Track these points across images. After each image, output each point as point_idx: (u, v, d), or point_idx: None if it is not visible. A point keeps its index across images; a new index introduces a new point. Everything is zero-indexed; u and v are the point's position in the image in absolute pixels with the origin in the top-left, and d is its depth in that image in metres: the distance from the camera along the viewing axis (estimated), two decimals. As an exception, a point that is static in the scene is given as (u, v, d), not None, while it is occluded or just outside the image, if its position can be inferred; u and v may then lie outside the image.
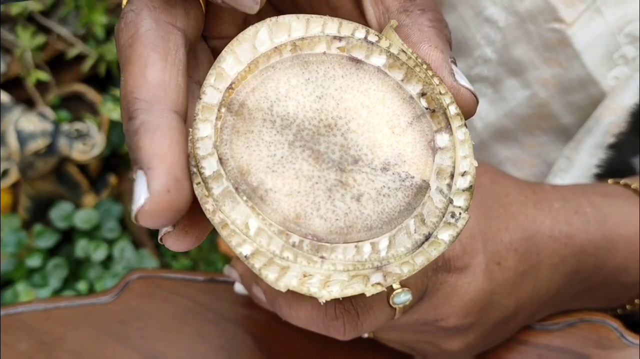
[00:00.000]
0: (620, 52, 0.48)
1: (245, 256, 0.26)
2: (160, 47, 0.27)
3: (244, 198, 0.26)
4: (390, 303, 0.37)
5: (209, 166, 0.27)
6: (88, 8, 0.88)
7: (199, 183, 0.26)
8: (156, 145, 0.25)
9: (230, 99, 0.27)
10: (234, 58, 0.28)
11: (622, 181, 0.47)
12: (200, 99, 0.27)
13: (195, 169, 0.27)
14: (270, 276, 0.26)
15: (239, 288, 0.47)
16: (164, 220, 0.25)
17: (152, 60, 0.26)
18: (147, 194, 0.25)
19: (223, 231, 0.26)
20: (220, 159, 0.27)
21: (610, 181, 0.47)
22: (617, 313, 0.49)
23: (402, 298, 0.37)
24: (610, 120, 0.48)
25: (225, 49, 0.28)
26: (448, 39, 0.32)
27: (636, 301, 0.47)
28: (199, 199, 0.26)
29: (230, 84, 0.28)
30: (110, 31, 0.92)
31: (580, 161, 0.50)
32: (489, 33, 0.52)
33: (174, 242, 0.27)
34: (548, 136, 0.54)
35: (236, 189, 0.26)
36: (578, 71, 0.49)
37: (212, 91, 0.27)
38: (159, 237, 0.27)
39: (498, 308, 0.41)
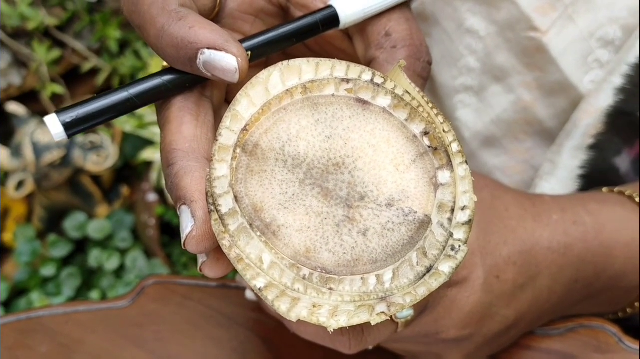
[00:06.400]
0: (594, 56, 0.49)
1: (259, 289, 0.28)
2: (193, 110, 0.32)
3: (258, 234, 0.28)
4: (393, 317, 0.39)
5: (226, 204, 0.28)
6: (102, 23, 0.89)
7: (216, 220, 0.28)
8: (196, 183, 0.30)
9: (244, 140, 0.29)
10: (248, 101, 0.30)
11: (616, 189, 0.48)
12: (217, 140, 0.29)
13: (212, 207, 0.28)
14: (282, 307, 0.28)
15: (250, 294, 0.48)
16: (207, 243, 0.29)
17: (187, 120, 0.32)
18: (192, 223, 0.29)
19: (239, 265, 0.28)
20: (235, 197, 0.28)
21: (605, 189, 0.49)
22: (618, 317, 0.50)
23: (405, 313, 0.39)
24: (587, 122, 0.49)
25: (240, 92, 0.30)
26: (420, 73, 0.36)
27: (636, 304, 0.49)
28: (216, 235, 0.28)
29: (245, 126, 0.29)
30: (123, 45, 0.94)
31: (564, 164, 0.51)
32: (470, 43, 0.53)
33: (210, 269, 0.31)
34: (534, 140, 0.55)
35: (251, 225, 0.28)
36: (557, 76, 0.51)
37: (227, 133, 0.29)
38: (198, 268, 0.31)
39: (497, 319, 0.43)
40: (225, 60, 0.31)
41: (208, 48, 0.31)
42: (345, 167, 0.29)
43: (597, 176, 0.50)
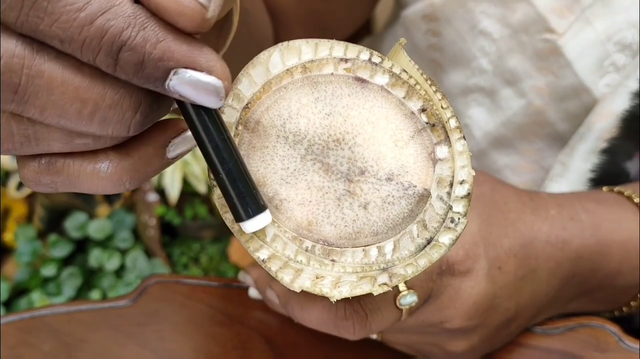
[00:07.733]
0: (610, 59, 0.49)
1: (263, 260, 0.29)
2: None
3: (261, 208, 0.29)
4: (397, 304, 0.39)
5: (229, 179, 0.29)
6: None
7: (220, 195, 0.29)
8: None
9: (246, 118, 0.30)
10: (249, 80, 0.30)
11: (616, 189, 0.48)
12: None
13: (215, 183, 0.29)
14: (285, 278, 0.29)
15: (253, 292, 0.49)
16: None
17: None
18: None
19: (242, 237, 0.29)
20: (238, 172, 0.29)
21: (605, 188, 0.49)
22: (614, 315, 0.50)
23: (408, 299, 0.39)
24: (601, 126, 0.49)
25: (242, 71, 0.30)
26: None
27: (632, 303, 0.49)
28: (219, 209, 0.29)
29: (247, 104, 0.30)
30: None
31: (575, 166, 0.51)
32: (484, 45, 0.54)
33: None
34: (544, 142, 0.55)
35: (253, 199, 0.29)
36: (570, 79, 0.51)
37: (230, 111, 0.30)
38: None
39: (500, 311, 0.43)
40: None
41: None
42: (345, 143, 0.30)
43: (606, 180, 0.51)
